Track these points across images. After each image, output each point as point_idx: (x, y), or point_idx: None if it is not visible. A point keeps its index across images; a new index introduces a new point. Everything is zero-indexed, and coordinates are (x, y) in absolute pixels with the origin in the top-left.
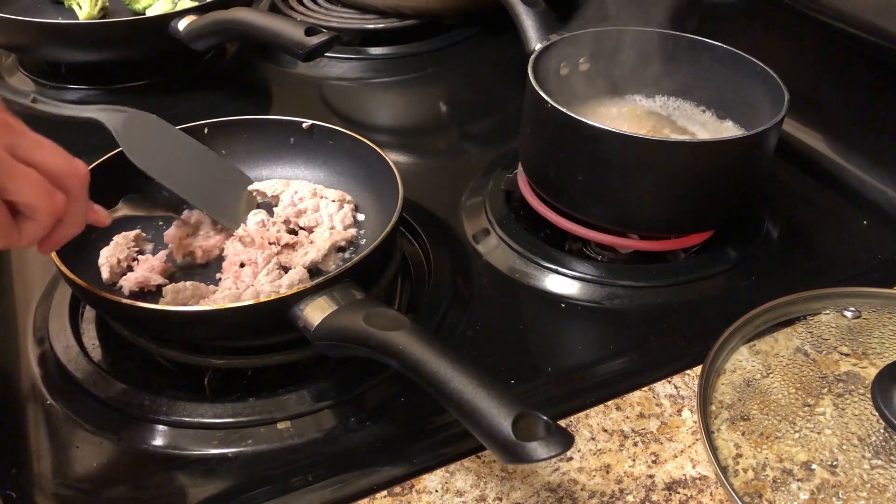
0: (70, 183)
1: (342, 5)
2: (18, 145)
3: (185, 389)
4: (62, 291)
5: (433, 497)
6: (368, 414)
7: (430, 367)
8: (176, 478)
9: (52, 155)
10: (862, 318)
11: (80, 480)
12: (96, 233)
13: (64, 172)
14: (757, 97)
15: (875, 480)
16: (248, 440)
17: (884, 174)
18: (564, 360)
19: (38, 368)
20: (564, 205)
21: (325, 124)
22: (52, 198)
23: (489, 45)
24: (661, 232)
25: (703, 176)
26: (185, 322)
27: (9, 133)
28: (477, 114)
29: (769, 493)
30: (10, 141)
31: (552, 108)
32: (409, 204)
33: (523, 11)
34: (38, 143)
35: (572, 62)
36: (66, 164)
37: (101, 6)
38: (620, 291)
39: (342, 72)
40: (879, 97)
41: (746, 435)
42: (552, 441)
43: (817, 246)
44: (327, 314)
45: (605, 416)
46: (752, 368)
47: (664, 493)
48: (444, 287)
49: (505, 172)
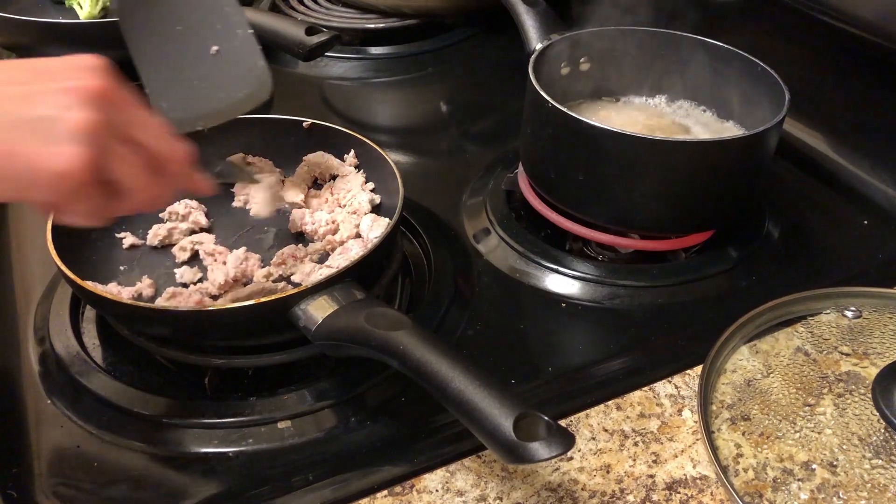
0: (170, 167)
1: (343, 5)
2: (126, 122)
3: (185, 389)
4: (62, 291)
5: (434, 497)
6: (369, 414)
7: (430, 367)
8: (176, 478)
9: (157, 137)
10: (862, 318)
11: (80, 480)
12: (96, 233)
13: (166, 155)
14: (757, 97)
15: (875, 480)
16: (248, 440)
17: (884, 174)
18: (565, 360)
19: (39, 368)
20: (565, 204)
21: (325, 124)
22: (152, 182)
23: (489, 44)
24: (661, 232)
25: (703, 176)
26: (186, 322)
27: (121, 110)
28: (477, 113)
29: (769, 492)
30: (118, 118)
31: (553, 107)
32: (410, 203)
33: (524, 11)
34: (145, 120)
35: (573, 62)
36: (169, 147)
37: (102, 6)
38: (621, 291)
39: (343, 71)
40: (879, 97)
41: (747, 435)
42: (553, 441)
43: (817, 246)
44: (328, 314)
45: (606, 416)
46: (753, 368)
47: (664, 492)
48: (444, 287)
49: (505, 172)
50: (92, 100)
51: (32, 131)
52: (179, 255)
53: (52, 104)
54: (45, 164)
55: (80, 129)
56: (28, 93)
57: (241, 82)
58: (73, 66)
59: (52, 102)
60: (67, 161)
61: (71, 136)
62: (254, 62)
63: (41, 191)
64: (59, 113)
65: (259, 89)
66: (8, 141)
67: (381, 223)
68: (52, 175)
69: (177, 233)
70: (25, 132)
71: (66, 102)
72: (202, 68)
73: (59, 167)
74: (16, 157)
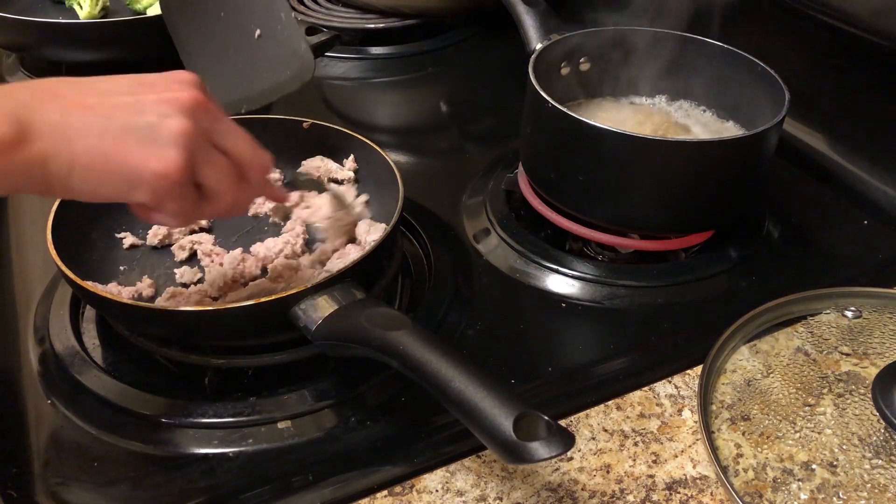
0: (254, 174)
1: (343, 5)
2: (215, 130)
3: (185, 389)
4: (62, 291)
5: (434, 497)
6: (369, 413)
7: (431, 367)
8: (176, 478)
9: (243, 144)
10: (862, 318)
11: (80, 480)
12: (96, 232)
13: (250, 163)
14: (757, 97)
15: (875, 480)
16: (248, 440)
17: (884, 174)
18: (565, 360)
19: (39, 368)
20: (565, 204)
21: (325, 124)
22: (236, 187)
23: (489, 45)
24: (661, 232)
25: (703, 176)
26: (186, 322)
27: (208, 117)
28: (477, 113)
29: (769, 492)
30: (209, 126)
31: (553, 107)
32: (410, 204)
33: (524, 11)
34: (231, 129)
35: (573, 62)
36: (253, 155)
37: (102, 6)
38: (621, 291)
39: (343, 71)
40: (879, 97)
41: (747, 435)
42: (553, 441)
43: (817, 246)
44: (328, 314)
45: (606, 416)
46: (753, 368)
47: (664, 492)
48: (444, 287)
49: (505, 172)
50: (187, 109)
51: (137, 137)
52: (178, 253)
53: (154, 112)
54: (149, 165)
55: (178, 134)
56: (133, 103)
57: (285, 64)
58: (171, 80)
59: (154, 111)
60: (166, 163)
61: (170, 140)
62: (297, 44)
63: (142, 190)
64: (160, 120)
65: (302, 71)
66: (118, 144)
67: (378, 227)
68: (154, 174)
69: (176, 232)
70: (132, 137)
71: (165, 111)
72: (246, 52)
73: (160, 168)
74: (125, 157)
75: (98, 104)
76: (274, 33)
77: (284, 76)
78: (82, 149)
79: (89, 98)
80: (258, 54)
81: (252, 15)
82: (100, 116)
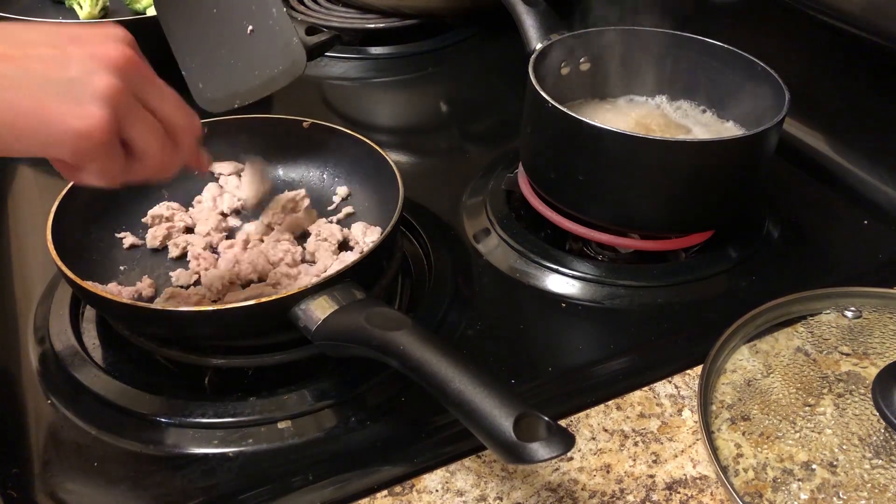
0: (184, 138)
1: (343, 5)
2: (146, 90)
3: (185, 389)
4: (62, 291)
5: (434, 497)
6: (369, 413)
7: (431, 367)
8: (176, 478)
9: (174, 106)
10: (862, 318)
11: (80, 480)
12: (96, 232)
13: (180, 125)
14: (757, 97)
15: (875, 480)
16: (248, 440)
17: (884, 174)
18: (565, 360)
19: (39, 368)
20: (565, 204)
21: (325, 123)
22: (164, 147)
23: (490, 44)
24: (661, 231)
25: (703, 176)
26: (185, 322)
27: (139, 76)
28: (477, 113)
29: (770, 492)
30: (139, 85)
31: (553, 107)
32: (410, 203)
33: (524, 11)
34: (162, 90)
35: (573, 62)
36: (184, 118)
37: (102, 6)
38: (621, 291)
39: (343, 71)
40: (879, 97)
41: (747, 435)
42: (553, 441)
43: (817, 246)
44: (328, 314)
45: (606, 416)
46: (753, 368)
47: (665, 492)
48: (444, 287)
49: (505, 172)
50: (116, 67)
51: (58, 92)
52: (172, 250)
53: (80, 68)
54: (69, 123)
55: (104, 92)
56: (57, 56)
57: (276, 59)
58: (101, 34)
59: (80, 67)
60: (89, 121)
61: (94, 98)
62: (289, 39)
63: (63, 148)
64: (85, 76)
65: (293, 66)
66: (36, 99)
67: (374, 230)
68: (74, 133)
69: (175, 232)
70: (52, 92)
71: (91, 67)
72: (238, 48)
73: (82, 126)
74: (42, 114)
75: (18, 55)
76: (266, 29)
77: (276, 71)
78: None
79: (8, 47)
80: (250, 50)
81: (244, 11)
82: (18, 68)
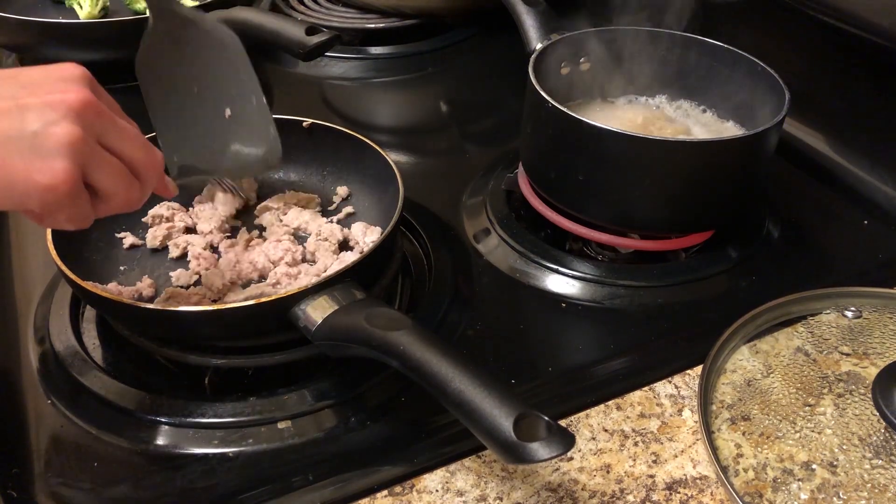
0: (147, 174)
1: (343, 5)
2: (107, 132)
3: (185, 389)
4: (62, 291)
5: (434, 497)
6: (369, 413)
7: (431, 367)
8: (176, 478)
9: (135, 146)
10: (862, 318)
11: (80, 480)
12: (97, 232)
13: (143, 163)
14: (757, 97)
15: (876, 480)
16: (248, 440)
17: (884, 174)
18: (565, 360)
19: (39, 368)
20: (565, 204)
21: (325, 123)
22: (130, 187)
23: (490, 44)
24: (661, 231)
25: (703, 176)
26: (185, 322)
27: (98, 119)
28: (477, 113)
29: (770, 492)
30: (101, 129)
31: (553, 107)
32: (410, 203)
33: (524, 11)
34: (124, 132)
35: (573, 62)
36: (146, 155)
37: (102, 6)
38: (621, 291)
39: (343, 71)
40: (879, 97)
41: (747, 435)
42: (553, 441)
43: (817, 246)
44: (328, 314)
45: (606, 416)
46: (753, 368)
47: (665, 492)
48: (444, 287)
49: (505, 172)
50: (74, 112)
51: (19, 148)
52: (172, 250)
53: (37, 119)
54: (34, 179)
55: (65, 143)
56: (13, 108)
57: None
58: (56, 78)
59: (38, 118)
60: (53, 175)
61: (56, 150)
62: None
63: (30, 201)
64: (44, 128)
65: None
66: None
67: (375, 230)
68: (40, 188)
69: (175, 232)
70: (13, 149)
71: (50, 117)
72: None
73: (47, 181)
74: (5, 172)
75: None
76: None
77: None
78: None
79: None
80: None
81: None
82: None
